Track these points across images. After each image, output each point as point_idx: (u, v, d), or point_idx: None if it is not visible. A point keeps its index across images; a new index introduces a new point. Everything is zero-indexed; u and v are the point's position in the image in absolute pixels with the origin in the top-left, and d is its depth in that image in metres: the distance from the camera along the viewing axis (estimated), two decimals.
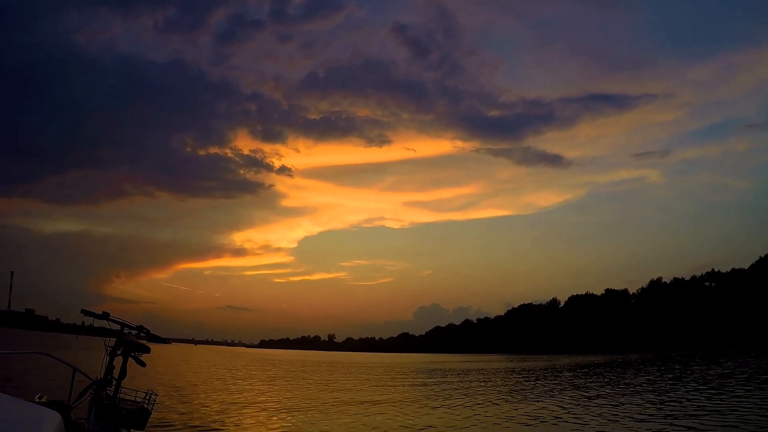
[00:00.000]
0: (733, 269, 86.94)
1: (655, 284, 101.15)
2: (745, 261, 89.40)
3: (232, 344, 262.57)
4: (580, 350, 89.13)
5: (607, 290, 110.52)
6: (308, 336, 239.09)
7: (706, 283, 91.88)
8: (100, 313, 3.52)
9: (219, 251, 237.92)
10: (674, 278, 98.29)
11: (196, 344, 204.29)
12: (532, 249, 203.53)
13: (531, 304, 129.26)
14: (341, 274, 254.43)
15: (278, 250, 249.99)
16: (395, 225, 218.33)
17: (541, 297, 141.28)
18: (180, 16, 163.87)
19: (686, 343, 73.66)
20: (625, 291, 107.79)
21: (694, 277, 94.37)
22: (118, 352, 3.43)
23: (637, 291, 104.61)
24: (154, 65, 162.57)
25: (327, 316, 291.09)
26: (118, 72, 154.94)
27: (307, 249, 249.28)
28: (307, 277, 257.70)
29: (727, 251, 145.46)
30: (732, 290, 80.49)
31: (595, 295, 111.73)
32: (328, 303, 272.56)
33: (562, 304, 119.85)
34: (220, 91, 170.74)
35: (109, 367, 3.38)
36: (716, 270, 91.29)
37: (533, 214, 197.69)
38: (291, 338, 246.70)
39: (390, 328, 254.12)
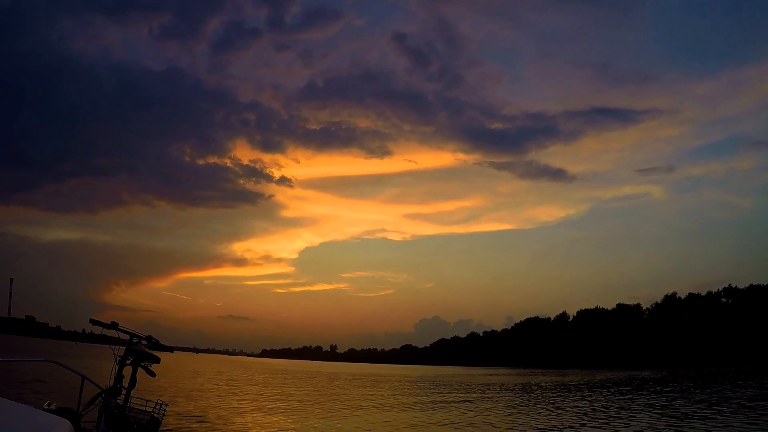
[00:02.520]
0: (751, 285, 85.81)
1: (670, 299, 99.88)
2: (747, 280, 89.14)
3: (234, 353, 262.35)
4: (590, 365, 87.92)
5: (619, 305, 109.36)
6: (310, 346, 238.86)
7: (723, 299, 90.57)
8: (109, 322, 3.59)
9: (219, 261, 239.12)
10: (690, 293, 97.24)
11: (197, 353, 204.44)
12: (533, 263, 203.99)
13: (538, 317, 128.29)
14: (342, 286, 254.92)
15: (279, 260, 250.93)
16: (396, 237, 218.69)
17: (543, 311, 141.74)
18: (175, 23, 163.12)
19: (703, 361, 72.41)
20: (638, 306, 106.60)
21: (710, 293, 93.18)
22: (128, 362, 3.50)
23: (651, 306, 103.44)
24: (150, 73, 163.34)
25: (328, 326, 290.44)
26: (114, 80, 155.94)
27: (308, 260, 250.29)
28: (308, 288, 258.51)
29: (729, 270, 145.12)
30: (750, 306, 79.22)
31: (606, 310, 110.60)
32: (329, 314, 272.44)
33: (571, 318, 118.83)
34: (217, 99, 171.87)
35: (119, 376, 3.44)
36: (733, 286, 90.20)
37: (535, 228, 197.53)
38: (293, 348, 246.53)
39: (391, 339, 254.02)
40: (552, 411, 14.63)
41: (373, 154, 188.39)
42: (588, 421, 12.12)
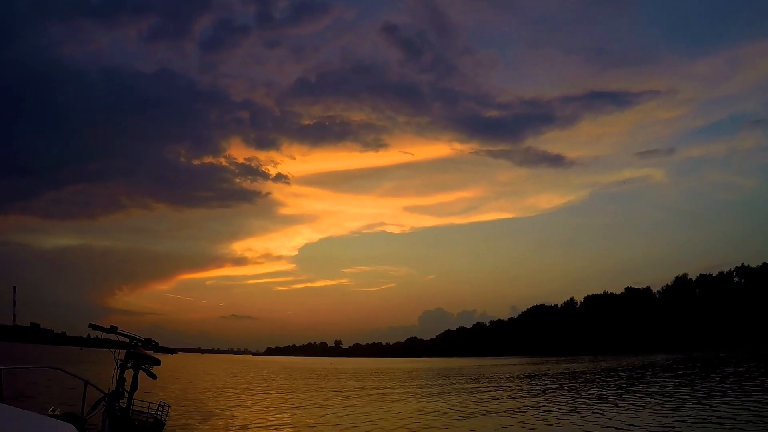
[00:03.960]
0: (764, 263, 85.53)
1: (681, 281, 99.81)
2: (754, 260, 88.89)
3: (239, 352, 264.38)
4: (601, 351, 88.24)
5: (627, 289, 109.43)
6: (315, 342, 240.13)
7: (736, 279, 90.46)
8: (108, 327, 3.67)
9: (220, 261, 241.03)
10: (701, 274, 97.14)
11: (202, 353, 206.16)
12: (535, 251, 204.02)
13: (544, 305, 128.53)
14: (344, 281, 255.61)
15: (279, 258, 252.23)
16: (396, 230, 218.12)
17: (546, 299, 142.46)
18: (163, 24, 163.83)
19: (717, 342, 72.41)
20: (648, 289, 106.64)
21: (722, 273, 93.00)
22: (129, 365, 3.58)
23: (662, 288, 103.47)
24: (142, 75, 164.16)
25: (331, 322, 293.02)
26: (106, 84, 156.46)
27: (309, 256, 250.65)
28: (309, 285, 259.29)
29: (734, 251, 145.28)
30: (764, 285, 79.07)
31: (614, 294, 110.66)
32: (331, 310, 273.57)
33: (579, 304, 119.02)
34: (210, 99, 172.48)
35: (120, 380, 3.53)
36: (746, 265, 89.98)
37: (535, 216, 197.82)
38: (297, 345, 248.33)
39: (395, 333, 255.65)
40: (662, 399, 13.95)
41: (368, 148, 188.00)
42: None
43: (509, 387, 20.75)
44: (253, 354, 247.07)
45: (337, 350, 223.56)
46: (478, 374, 33.17)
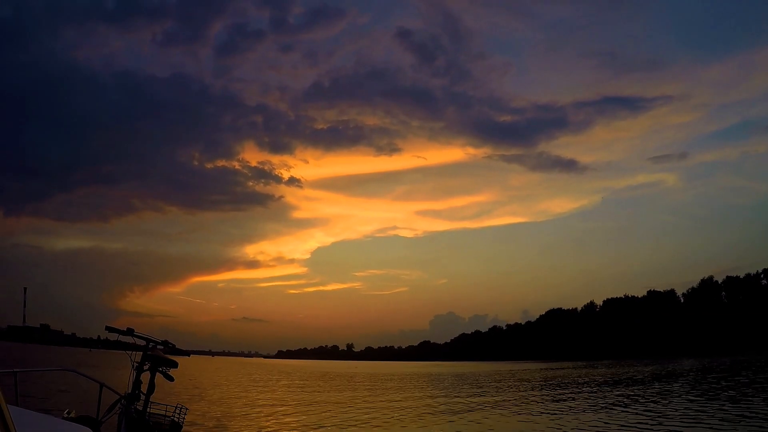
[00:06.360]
0: None
1: (706, 283, 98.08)
2: (766, 266, 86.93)
3: (249, 355, 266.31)
4: (625, 355, 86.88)
5: (650, 292, 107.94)
6: (326, 346, 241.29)
7: (763, 281, 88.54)
8: (125, 329, 3.67)
9: (232, 264, 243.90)
10: (727, 276, 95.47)
11: (213, 356, 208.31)
12: (547, 256, 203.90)
13: (562, 309, 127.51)
14: (356, 285, 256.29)
15: (291, 261, 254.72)
16: (408, 234, 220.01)
17: (558, 303, 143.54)
18: (178, 28, 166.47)
19: (746, 346, 70.65)
20: (672, 292, 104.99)
21: (748, 275, 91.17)
22: (146, 368, 3.57)
23: (687, 291, 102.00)
24: (156, 79, 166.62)
25: (343, 326, 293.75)
26: (120, 87, 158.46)
27: (321, 260, 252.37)
28: (321, 288, 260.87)
29: (747, 255, 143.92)
30: None
31: (636, 297, 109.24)
32: (343, 313, 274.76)
33: (598, 308, 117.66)
34: (224, 103, 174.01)
35: (137, 382, 3.53)
36: None
37: (548, 220, 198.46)
38: (309, 348, 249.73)
39: (407, 337, 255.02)
40: None
41: (381, 152, 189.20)
42: None
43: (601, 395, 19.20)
44: (264, 357, 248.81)
45: (349, 353, 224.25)
46: (539, 378, 32.53)
